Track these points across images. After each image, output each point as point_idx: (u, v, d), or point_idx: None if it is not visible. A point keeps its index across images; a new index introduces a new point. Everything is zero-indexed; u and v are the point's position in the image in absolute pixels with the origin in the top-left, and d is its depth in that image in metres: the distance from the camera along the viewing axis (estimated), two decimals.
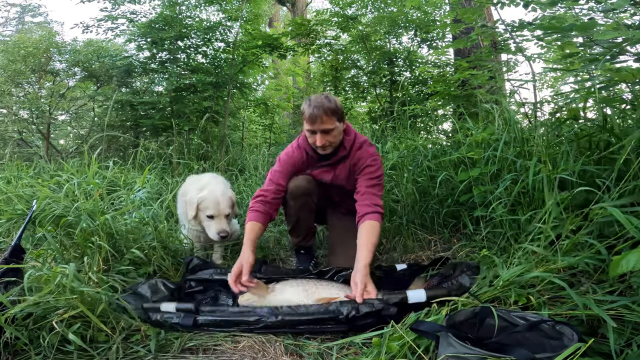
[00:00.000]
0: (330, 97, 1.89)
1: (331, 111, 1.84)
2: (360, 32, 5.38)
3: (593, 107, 2.04)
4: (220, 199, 2.14)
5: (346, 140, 2.00)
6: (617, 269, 1.01)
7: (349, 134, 2.02)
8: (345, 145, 2.00)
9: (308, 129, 1.90)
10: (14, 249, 1.61)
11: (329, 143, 1.92)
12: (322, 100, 1.85)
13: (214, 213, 2.12)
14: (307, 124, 1.89)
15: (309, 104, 1.86)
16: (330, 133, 1.89)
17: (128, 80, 5.67)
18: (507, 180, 1.83)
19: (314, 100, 1.86)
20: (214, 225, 2.12)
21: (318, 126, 1.85)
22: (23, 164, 4.33)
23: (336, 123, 1.89)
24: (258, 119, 7.12)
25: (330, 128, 1.87)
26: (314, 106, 1.83)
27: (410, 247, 2.34)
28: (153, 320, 1.50)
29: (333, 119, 1.86)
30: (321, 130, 1.86)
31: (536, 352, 0.94)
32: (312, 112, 1.83)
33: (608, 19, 1.79)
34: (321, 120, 1.83)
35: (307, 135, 1.96)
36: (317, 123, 1.84)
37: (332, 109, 1.85)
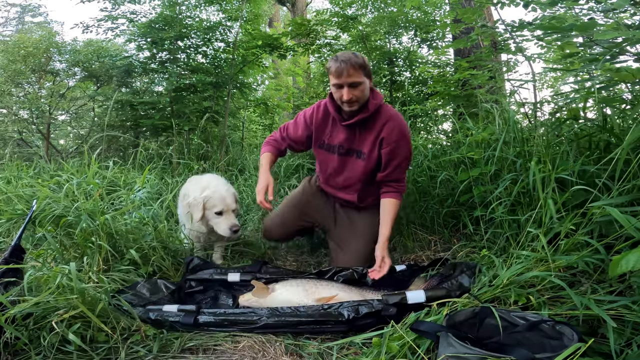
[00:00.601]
0: (358, 53, 1.86)
1: (359, 65, 1.81)
2: (360, 32, 5.38)
3: (593, 107, 2.04)
4: (226, 194, 2.15)
5: (371, 104, 1.93)
6: (617, 269, 1.01)
7: (375, 97, 1.95)
8: (370, 107, 1.93)
9: (335, 83, 1.85)
10: (14, 249, 1.61)
11: (356, 98, 1.86)
12: (349, 55, 1.82)
13: (222, 209, 2.12)
14: (333, 77, 1.84)
15: (336, 59, 1.83)
16: (358, 87, 1.84)
17: (128, 80, 5.67)
18: (507, 180, 1.83)
19: (341, 55, 1.83)
20: (224, 221, 2.12)
21: (345, 79, 1.81)
22: (23, 164, 4.33)
23: (363, 77, 1.84)
24: (258, 119, 7.12)
25: (358, 81, 1.82)
26: (342, 60, 1.80)
27: (410, 247, 2.34)
28: (153, 319, 1.50)
29: (360, 73, 1.82)
30: (348, 83, 1.82)
31: (536, 352, 0.94)
32: (339, 65, 1.80)
33: (608, 19, 1.79)
34: (348, 73, 1.80)
35: (333, 91, 1.91)
36: (344, 76, 1.80)
37: (360, 63, 1.82)
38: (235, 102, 6.19)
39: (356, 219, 2.17)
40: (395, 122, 1.95)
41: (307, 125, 2.11)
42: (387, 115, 1.95)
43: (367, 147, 1.98)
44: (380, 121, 1.95)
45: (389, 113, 1.97)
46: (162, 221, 2.20)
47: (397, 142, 1.94)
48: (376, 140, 1.96)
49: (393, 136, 1.93)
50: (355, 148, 2.02)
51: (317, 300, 1.60)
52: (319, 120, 2.07)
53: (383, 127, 1.94)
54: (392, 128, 1.94)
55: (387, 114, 1.96)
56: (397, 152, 1.95)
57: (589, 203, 1.39)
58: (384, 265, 1.80)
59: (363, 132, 1.98)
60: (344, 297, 1.60)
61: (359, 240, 2.10)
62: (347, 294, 1.63)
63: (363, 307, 1.45)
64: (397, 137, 1.94)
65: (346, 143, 2.03)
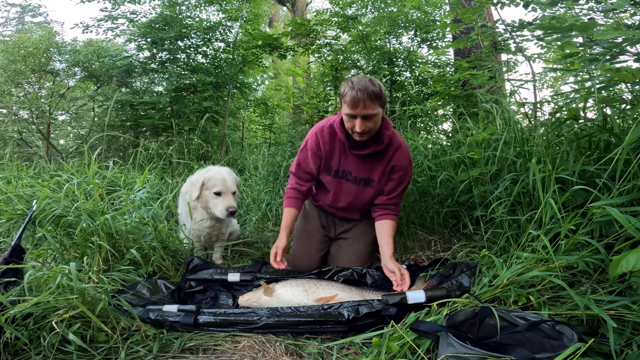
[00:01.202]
0: (374, 80, 1.77)
1: (375, 95, 1.72)
2: (360, 32, 5.38)
3: (593, 107, 2.04)
4: (227, 176, 2.16)
5: (384, 135, 1.88)
6: (617, 269, 1.01)
7: (387, 127, 1.90)
8: (383, 139, 1.88)
9: (348, 113, 1.77)
10: (14, 249, 1.61)
11: (369, 129, 1.79)
12: (366, 84, 1.71)
13: (221, 189, 2.12)
14: (347, 107, 1.75)
15: (352, 86, 1.72)
16: (372, 119, 1.76)
17: (128, 80, 5.67)
18: (507, 180, 1.83)
19: (358, 83, 1.72)
20: (222, 202, 2.11)
21: (360, 111, 1.72)
22: (23, 164, 4.33)
23: (378, 109, 1.77)
24: (258, 119, 7.12)
25: (373, 114, 1.74)
26: (358, 89, 1.70)
27: (410, 247, 2.34)
28: (153, 319, 1.50)
29: (376, 104, 1.74)
30: (363, 115, 1.74)
31: (536, 352, 0.94)
32: (356, 95, 1.70)
33: (608, 19, 1.79)
34: (364, 105, 1.71)
35: (345, 120, 1.82)
36: (360, 107, 1.72)
37: (377, 93, 1.72)
38: (235, 102, 6.19)
39: (355, 222, 2.17)
40: (404, 149, 1.94)
41: (318, 155, 1.99)
42: (397, 144, 1.93)
43: (377, 175, 1.96)
44: (392, 150, 1.92)
45: (398, 140, 1.94)
46: (162, 221, 2.20)
47: (406, 169, 1.95)
48: (386, 168, 1.94)
49: (404, 164, 1.93)
50: (366, 177, 1.98)
51: (317, 300, 1.60)
52: (326, 146, 1.96)
53: (394, 155, 1.92)
54: (402, 156, 1.93)
55: (397, 142, 1.93)
56: (405, 178, 1.97)
57: (589, 203, 1.39)
58: (404, 276, 1.75)
59: (374, 161, 1.94)
60: (344, 297, 1.60)
61: (358, 240, 2.11)
62: (347, 294, 1.63)
63: (363, 307, 1.45)
64: (407, 165, 1.94)
65: (357, 172, 1.98)
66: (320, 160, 1.99)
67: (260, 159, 4.33)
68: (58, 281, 1.37)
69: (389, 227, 1.95)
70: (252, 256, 2.44)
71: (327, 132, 1.96)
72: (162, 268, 2.03)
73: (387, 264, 1.82)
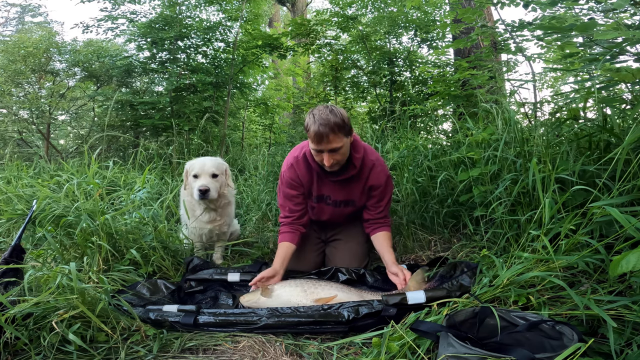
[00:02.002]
0: (336, 109, 1.72)
1: (338, 127, 1.69)
2: (360, 32, 5.38)
3: (593, 107, 2.04)
4: (207, 161, 2.19)
5: (355, 159, 1.88)
6: (617, 269, 1.01)
7: (357, 150, 1.89)
8: (355, 163, 1.88)
9: (314, 148, 1.77)
10: (14, 249, 1.61)
11: (337, 162, 1.79)
12: (327, 116, 1.68)
13: (198, 172, 2.15)
14: (312, 143, 1.75)
15: (314, 119, 1.69)
16: (339, 151, 1.75)
17: (128, 80, 5.67)
18: (507, 180, 1.83)
19: (319, 117, 1.68)
20: (197, 183, 2.12)
21: (325, 146, 1.71)
22: (23, 164, 4.33)
23: (344, 139, 1.74)
24: (258, 119, 7.12)
25: (338, 147, 1.73)
26: (320, 123, 1.67)
27: (410, 247, 2.34)
28: (153, 319, 1.50)
29: (341, 136, 1.72)
30: (329, 149, 1.73)
31: (536, 352, 0.94)
32: (318, 130, 1.67)
33: (608, 19, 1.79)
34: (328, 140, 1.69)
35: (314, 154, 1.82)
36: (324, 142, 1.70)
37: (339, 125, 1.69)
38: (235, 102, 6.19)
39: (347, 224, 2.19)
40: (378, 166, 1.94)
41: (299, 184, 1.99)
42: (370, 163, 1.93)
43: (357, 195, 1.99)
44: (366, 170, 1.93)
45: (371, 160, 1.93)
46: (162, 221, 2.20)
47: (385, 185, 1.96)
48: (364, 188, 1.97)
49: (381, 181, 1.94)
50: (346, 199, 2.00)
51: (315, 300, 1.60)
52: (304, 177, 1.97)
53: (369, 175, 1.93)
54: (378, 173, 1.93)
55: (370, 161, 1.93)
56: (386, 193, 1.99)
57: (589, 203, 1.39)
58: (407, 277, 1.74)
59: (351, 183, 1.96)
60: (342, 297, 1.60)
61: (352, 240, 2.13)
62: (345, 294, 1.63)
63: (363, 307, 1.45)
64: (384, 181, 1.95)
65: (336, 196, 1.99)
66: (303, 187, 2.00)
67: (260, 159, 4.34)
68: (58, 281, 1.38)
69: (385, 237, 1.96)
70: (252, 256, 2.44)
71: (302, 163, 1.96)
72: (162, 268, 2.03)
73: (391, 268, 1.82)
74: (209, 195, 2.11)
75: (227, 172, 2.28)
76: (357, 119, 6.42)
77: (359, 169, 1.90)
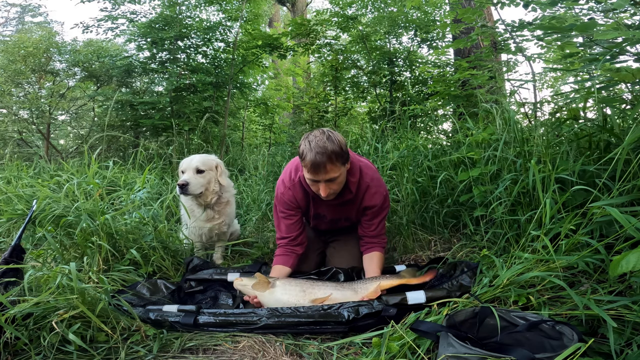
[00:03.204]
0: (333, 136, 1.60)
1: (336, 156, 1.58)
2: (360, 32, 5.38)
3: (593, 107, 2.04)
4: (194, 157, 2.20)
5: (351, 183, 1.80)
6: (617, 269, 1.01)
7: (353, 174, 1.80)
8: (351, 188, 1.81)
9: (310, 179, 1.66)
10: (14, 249, 1.61)
11: (334, 191, 1.71)
12: (324, 144, 1.55)
13: (184, 168, 2.17)
14: (308, 172, 1.63)
15: (309, 147, 1.56)
16: (335, 181, 1.65)
17: (128, 80, 5.67)
18: (507, 180, 1.83)
19: (316, 144, 1.56)
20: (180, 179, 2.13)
21: (322, 176, 1.61)
22: (23, 164, 4.33)
23: (341, 169, 1.64)
24: (258, 119, 7.12)
25: (336, 176, 1.63)
26: (316, 152, 1.55)
27: (410, 247, 2.34)
28: (153, 319, 1.50)
29: (338, 165, 1.61)
30: (325, 180, 1.63)
31: (536, 352, 0.94)
32: (315, 159, 1.55)
33: (608, 19, 1.79)
34: (325, 170, 1.58)
35: (309, 183, 1.72)
36: (321, 173, 1.59)
37: (337, 153, 1.57)
38: (235, 102, 6.19)
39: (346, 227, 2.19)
40: (374, 187, 1.85)
41: (297, 207, 1.94)
42: (365, 184, 1.84)
43: (352, 214, 1.96)
44: (361, 191, 1.86)
45: (366, 181, 1.85)
46: (162, 221, 2.20)
47: (380, 205, 1.89)
48: (359, 208, 1.92)
49: (376, 201, 1.87)
50: (342, 217, 1.99)
51: (312, 301, 1.59)
52: (301, 199, 1.91)
53: (364, 195, 1.86)
54: (373, 194, 1.86)
55: (364, 184, 1.84)
56: (380, 213, 1.92)
57: (589, 203, 1.39)
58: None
59: (346, 204, 1.91)
60: (337, 296, 1.61)
61: (351, 241, 2.13)
62: (339, 292, 1.63)
63: (363, 307, 1.45)
64: (380, 201, 1.88)
65: (332, 215, 1.97)
66: (300, 208, 1.95)
67: (260, 159, 4.34)
68: (58, 281, 1.38)
69: (377, 258, 1.90)
70: (252, 256, 2.44)
71: (299, 186, 1.88)
72: (162, 268, 2.03)
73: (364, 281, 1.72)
74: (188, 189, 2.06)
75: (218, 168, 2.24)
76: (357, 119, 6.43)
77: (355, 192, 1.84)
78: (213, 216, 2.27)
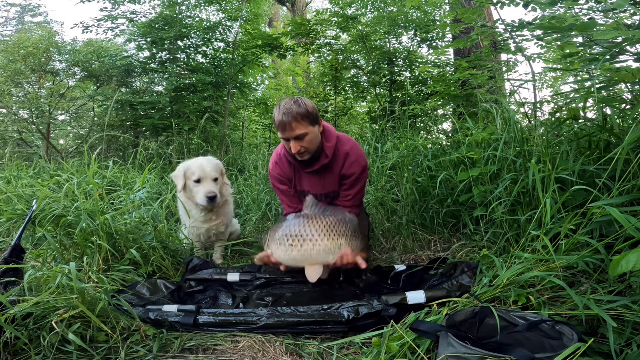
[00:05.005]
0: (301, 100, 1.79)
1: (301, 116, 1.74)
2: (360, 32, 5.38)
3: (593, 107, 2.04)
4: (205, 163, 2.17)
5: (327, 148, 1.90)
6: (617, 269, 1.01)
7: (329, 139, 1.91)
8: (327, 152, 1.90)
9: (281, 137, 1.82)
10: (14, 249, 1.61)
11: (305, 149, 1.82)
12: (291, 106, 1.75)
13: (201, 176, 2.13)
14: (278, 132, 1.81)
15: (278, 110, 1.77)
16: (304, 139, 1.79)
17: (128, 80, 5.67)
18: (507, 180, 1.83)
19: (283, 107, 1.76)
20: (202, 189, 2.12)
21: (289, 134, 1.76)
22: (23, 164, 4.34)
23: (309, 127, 1.78)
24: (258, 119, 7.12)
25: (303, 133, 1.77)
26: (283, 113, 1.74)
27: (410, 247, 2.34)
28: (153, 319, 1.50)
29: (305, 124, 1.76)
30: (294, 137, 1.77)
31: (536, 352, 0.94)
32: (282, 119, 1.74)
33: (608, 19, 1.79)
34: (291, 127, 1.74)
35: (284, 144, 1.88)
36: (288, 130, 1.76)
37: (302, 114, 1.75)
38: (235, 102, 6.19)
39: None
40: (353, 154, 1.94)
41: (288, 181, 2.04)
42: (344, 152, 1.93)
43: (335, 186, 2.00)
44: (340, 159, 1.94)
45: (345, 148, 1.94)
46: (162, 221, 2.20)
47: (358, 174, 1.95)
48: (339, 177, 1.97)
49: (355, 170, 1.94)
50: (325, 192, 2.02)
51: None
52: (288, 172, 2.02)
53: (343, 164, 1.94)
54: (352, 163, 1.93)
55: (343, 150, 1.93)
56: (357, 182, 1.97)
57: (589, 203, 1.39)
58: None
59: (326, 174, 1.97)
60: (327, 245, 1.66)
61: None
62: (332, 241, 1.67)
63: (363, 307, 1.45)
64: (359, 170, 1.94)
65: (314, 189, 2.01)
66: (290, 182, 2.03)
67: (260, 159, 4.34)
68: (58, 281, 1.38)
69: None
70: (252, 256, 2.43)
71: (284, 159, 2.00)
72: (162, 268, 2.03)
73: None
74: (217, 200, 2.14)
75: (223, 171, 2.29)
76: (357, 119, 6.43)
77: (331, 158, 1.91)
78: (211, 217, 2.27)
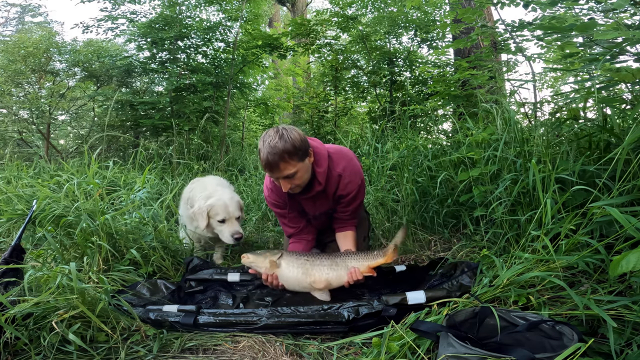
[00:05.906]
0: (287, 133, 1.59)
1: (288, 154, 1.57)
2: (360, 32, 5.38)
3: (593, 107, 2.04)
4: (229, 202, 2.18)
5: (319, 174, 1.77)
6: (617, 269, 1.01)
7: (319, 164, 1.77)
8: (320, 179, 1.78)
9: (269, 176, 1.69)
10: (14, 249, 1.61)
11: (296, 186, 1.70)
12: (275, 143, 1.55)
13: (225, 217, 2.16)
14: (265, 171, 1.66)
15: (262, 147, 1.59)
16: (294, 177, 1.65)
17: (128, 80, 5.67)
18: (507, 180, 1.83)
19: (267, 145, 1.57)
20: (227, 229, 2.16)
21: (277, 174, 1.63)
22: (23, 164, 4.33)
23: (298, 164, 1.63)
24: (258, 119, 7.13)
25: (293, 172, 1.62)
26: (268, 152, 1.56)
27: (410, 247, 2.34)
28: (153, 319, 1.50)
29: (293, 162, 1.60)
30: (282, 177, 1.64)
31: (536, 352, 0.94)
32: (267, 159, 1.57)
33: (608, 19, 1.79)
34: (279, 168, 1.59)
35: (273, 180, 1.76)
36: (275, 172, 1.61)
37: (289, 151, 1.57)
38: (235, 102, 6.19)
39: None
40: (346, 175, 1.82)
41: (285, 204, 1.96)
42: (336, 173, 1.81)
43: (330, 206, 1.94)
44: (332, 184, 1.83)
45: (337, 170, 1.81)
46: (162, 221, 2.20)
47: (355, 193, 1.87)
48: (334, 198, 1.90)
49: (350, 190, 1.85)
50: (321, 212, 1.96)
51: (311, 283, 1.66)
52: (282, 196, 1.91)
53: (337, 185, 1.84)
54: (345, 184, 1.83)
55: (336, 173, 1.81)
56: (355, 199, 1.90)
57: (589, 203, 1.39)
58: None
59: (321, 197, 1.89)
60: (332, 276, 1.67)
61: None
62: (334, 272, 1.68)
63: (363, 307, 1.45)
64: (355, 190, 1.86)
65: (313, 210, 1.96)
66: (287, 206, 1.97)
67: None
68: (58, 281, 1.37)
69: (351, 237, 1.96)
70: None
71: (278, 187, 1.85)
72: (162, 268, 2.03)
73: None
74: (243, 239, 2.22)
75: (242, 207, 2.30)
76: (357, 119, 6.43)
77: (324, 184, 1.80)
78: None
